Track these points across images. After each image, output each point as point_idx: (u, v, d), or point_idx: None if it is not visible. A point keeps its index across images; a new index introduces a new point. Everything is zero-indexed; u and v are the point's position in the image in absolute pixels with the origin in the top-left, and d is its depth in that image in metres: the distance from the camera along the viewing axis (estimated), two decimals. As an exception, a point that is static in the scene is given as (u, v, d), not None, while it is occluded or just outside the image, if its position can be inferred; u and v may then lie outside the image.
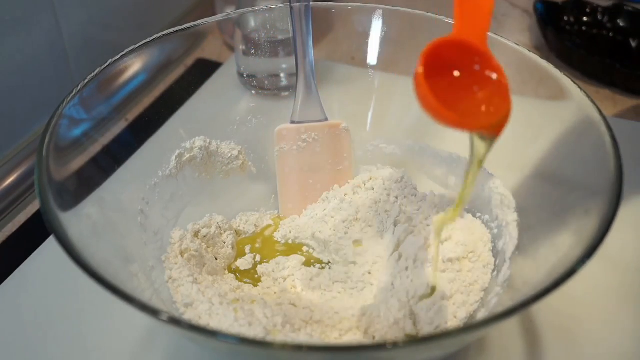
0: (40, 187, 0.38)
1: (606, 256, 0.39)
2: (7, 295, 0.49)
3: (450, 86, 0.38)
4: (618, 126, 0.43)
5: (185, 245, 0.48)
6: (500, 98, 0.38)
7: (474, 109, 0.39)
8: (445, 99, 0.37)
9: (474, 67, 0.39)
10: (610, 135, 0.41)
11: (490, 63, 0.39)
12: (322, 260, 0.51)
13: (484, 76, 0.39)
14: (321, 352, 0.33)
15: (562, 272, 0.34)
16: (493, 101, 0.39)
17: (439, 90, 0.37)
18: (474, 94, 0.39)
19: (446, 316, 0.44)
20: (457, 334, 0.34)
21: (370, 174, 0.56)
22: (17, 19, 0.59)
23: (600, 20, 0.81)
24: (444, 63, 0.38)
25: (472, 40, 0.38)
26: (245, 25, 0.64)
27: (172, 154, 0.51)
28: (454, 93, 0.38)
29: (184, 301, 0.43)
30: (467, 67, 0.39)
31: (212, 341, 0.35)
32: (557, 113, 0.48)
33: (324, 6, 0.57)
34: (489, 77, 0.39)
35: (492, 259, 0.48)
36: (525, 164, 0.50)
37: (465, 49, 0.38)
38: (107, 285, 0.33)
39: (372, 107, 0.59)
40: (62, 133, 0.42)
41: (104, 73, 0.47)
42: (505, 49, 0.51)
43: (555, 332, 0.46)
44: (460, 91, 0.39)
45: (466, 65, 0.39)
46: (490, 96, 0.39)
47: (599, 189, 0.38)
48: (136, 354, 0.45)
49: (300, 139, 0.54)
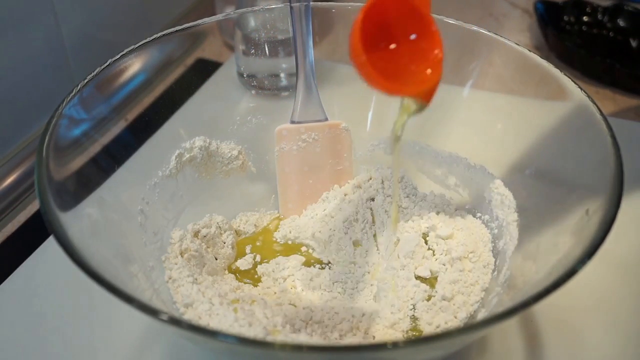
0: (40, 187, 0.38)
1: (606, 256, 0.39)
2: (7, 295, 0.49)
3: (386, 49, 0.38)
4: (618, 126, 0.43)
5: (185, 245, 0.48)
6: (433, 66, 0.38)
7: (407, 76, 0.38)
8: (379, 62, 0.37)
9: (411, 30, 0.39)
10: (610, 135, 0.41)
11: (429, 29, 0.38)
12: (322, 260, 0.51)
13: (419, 43, 0.38)
14: (321, 352, 0.33)
15: (562, 272, 0.34)
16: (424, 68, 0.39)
17: (373, 50, 0.37)
18: (407, 60, 0.39)
19: (446, 316, 0.44)
20: (457, 334, 0.34)
21: (370, 174, 0.56)
22: (17, 19, 0.59)
23: (600, 20, 0.81)
24: (383, 21, 0.38)
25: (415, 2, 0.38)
26: (245, 25, 0.64)
27: (172, 154, 0.51)
28: (389, 56, 0.38)
29: (184, 301, 0.43)
30: (404, 30, 0.38)
31: (212, 341, 0.35)
32: (557, 113, 0.48)
33: (324, 6, 0.57)
34: (424, 45, 0.38)
35: (492, 259, 0.48)
36: (526, 164, 0.50)
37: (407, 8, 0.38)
38: (107, 285, 0.33)
39: (372, 107, 0.59)
40: (62, 133, 0.42)
41: (103, 73, 0.47)
42: (505, 49, 0.51)
43: (555, 332, 0.46)
44: (395, 55, 0.38)
45: (403, 28, 0.38)
46: (423, 64, 0.39)
47: (599, 189, 0.38)
48: (136, 354, 0.44)
49: (300, 139, 0.54)
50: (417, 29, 0.39)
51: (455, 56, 0.56)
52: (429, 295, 0.46)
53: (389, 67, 0.38)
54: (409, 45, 0.39)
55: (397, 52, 0.38)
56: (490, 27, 0.57)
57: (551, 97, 0.49)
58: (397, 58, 0.38)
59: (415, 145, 0.57)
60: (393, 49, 0.39)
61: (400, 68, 0.39)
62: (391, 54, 0.38)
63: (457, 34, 0.54)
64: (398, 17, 0.38)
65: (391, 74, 0.38)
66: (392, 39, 0.39)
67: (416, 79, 0.39)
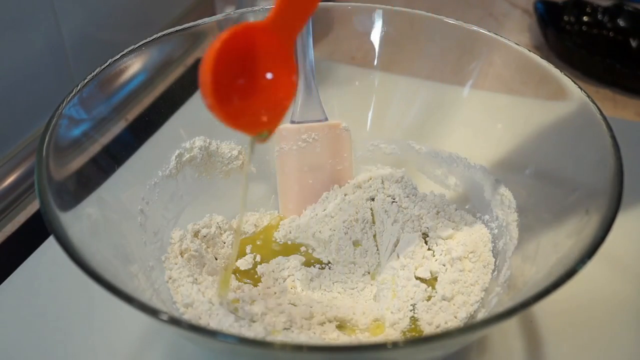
0: (40, 187, 0.38)
1: (606, 256, 0.39)
2: (7, 295, 0.49)
3: (240, 81, 0.37)
4: (618, 126, 0.43)
5: (185, 245, 0.48)
6: (278, 109, 0.38)
7: (255, 114, 0.38)
8: (231, 95, 0.36)
9: (270, 67, 0.38)
10: (610, 135, 0.41)
11: (287, 69, 0.37)
12: (322, 260, 0.51)
13: (274, 83, 0.38)
14: (321, 352, 0.33)
15: (562, 272, 0.34)
16: (271, 110, 0.38)
17: (225, 79, 0.36)
18: (259, 98, 0.38)
19: (446, 316, 0.44)
20: (457, 334, 0.34)
21: (370, 174, 0.56)
22: (17, 19, 0.59)
23: (600, 20, 0.81)
24: (241, 52, 0.36)
25: (280, 38, 0.37)
26: (245, 25, 0.64)
27: (172, 154, 0.51)
28: (242, 90, 0.37)
29: (184, 301, 0.43)
30: (263, 64, 0.37)
31: (212, 341, 0.35)
32: (557, 113, 0.48)
33: (324, 6, 0.57)
34: (278, 86, 0.38)
35: (492, 259, 0.48)
36: (525, 164, 0.50)
37: (268, 43, 0.37)
38: (107, 285, 0.33)
39: (372, 107, 0.59)
40: (62, 133, 0.42)
41: (103, 73, 0.47)
42: (505, 49, 0.51)
43: (555, 332, 0.46)
44: (248, 90, 0.37)
45: (262, 62, 0.37)
46: (271, 105, 0.38)
47: (599, 189, 0.38)
48: (136, 354, 0.44)
49: (300, 139, 0.54)
50: (276, 70, 0.38)
51: (455, 56, 0.56)
52: (429, 295, 0.46)
53: (238, 105, 0.37)
54: (264, 86, 0.38)
55: (250, 91, 0.38)
56: (490, 27, 0.57)
57: (551, 97, 0.49)
58: (250, 96, 0.38)
59: (415, 145, 0.57)
60: (246, 86, 0.37)
61: (251, 109, 0.38)
62: (245, 92, 0.37)
63: (457, 34, 0.54)
64: (258, 54, 0.37)
65: (239, 112, 0.37)
66: (247, 75, 0.38)
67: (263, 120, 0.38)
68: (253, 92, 0.38)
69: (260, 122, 0.38)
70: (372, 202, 0.54)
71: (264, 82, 0.38)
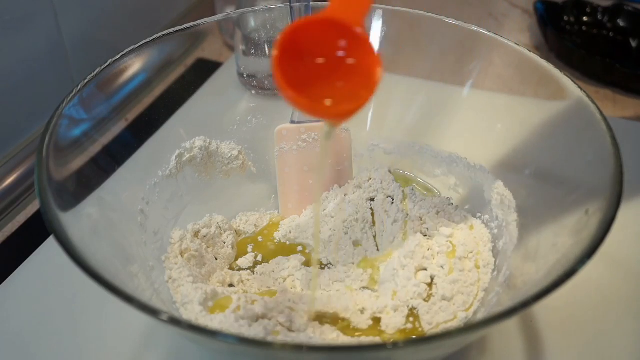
0: (40, 187, 0.38)
1: (606, 256, 0.39)
2: (7, 295, 0.49)
3: (312, 69, 0.37)
4: (618, 126, 0.43)
5: (185, 245, 0.48)
6: (364, 88, 0.37)
7: (333, 97, 0.37)
8: (304, 81, 0.36)
9: (342, 52, 0.37)
10: (610, 135, 0.41)
11: (364, 49, 0.37)
12: (322, 261, 0.51)
13: (350, 64, 0.37)
14: (321, 352, 0.33)
15: (562, 272, 0.34)
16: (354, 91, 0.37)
17: (298, 70, 0.35)
18: (334, 82, 0.37)
19: (446, 316, 0.44)
20: (457, 334, 0.34)
21: (370, 174, 0.56)
22: (17, 19, 0.59)
23: (600, 20, 0.81)
24: (311, 43, 0.36)
25: (347, 21, 0.36)
26: (245, 25, 0.64)
27: (172, 154, 0.51)
28: (315, 76, 0.37)
29: (184, 301, 0.43)
30: (335, 50, 0.37)
31: (212, 341, 0.35)
32: (557, 113, 0.48)
33: (324, 6, 0.57)
34: (355, 65, 0.37)
35: (492, 259, 0.48)
36: (525, 164, 0.50)
37: (339, 29, 0.36)
38: (107, 286, 0.33)
39: (372, 107, 0.59)
40: (62, 133, 0.42)
41: (104, 73, 0.47)
42: (505, 49, 0.51)
43: (555, 332, 0.46)
44: (322, 76, 0.37)
45: (334, 49, 0.37)
46: (353, 86, 0.37)
47: (599, 189, 0.38)
48: (136, 354, 0.44)
49: (300, 139, 0.54)
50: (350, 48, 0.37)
51: (455, 56, 0.56)
52: (429, 295, 0.46)
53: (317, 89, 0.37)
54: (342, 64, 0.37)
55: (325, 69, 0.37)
56: (490, 27, 0.57)
57: (551, 97, 0.49)
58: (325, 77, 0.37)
59: (415, 145, 0.57)
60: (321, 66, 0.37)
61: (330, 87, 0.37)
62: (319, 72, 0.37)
63: (457, 34, 0.54)
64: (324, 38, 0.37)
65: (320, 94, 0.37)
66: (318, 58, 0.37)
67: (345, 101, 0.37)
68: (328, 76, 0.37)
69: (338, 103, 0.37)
70: (372, 202, 0.54)
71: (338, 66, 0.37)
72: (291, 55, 0.35)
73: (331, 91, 0.37)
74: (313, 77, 0.37)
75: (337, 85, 0.37)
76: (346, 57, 0.37)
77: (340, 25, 0.36)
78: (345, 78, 0.37)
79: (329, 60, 0.37)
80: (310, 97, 0.36)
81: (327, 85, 0.37)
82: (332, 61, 0.37)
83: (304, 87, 0.36)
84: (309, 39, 0.36)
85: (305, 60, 0.37)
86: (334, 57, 0.37)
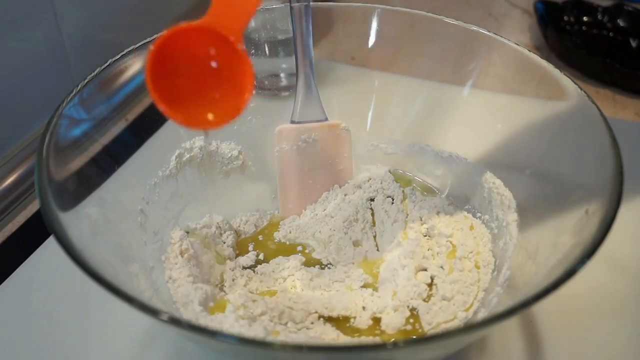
0: (40, 187, 0.38)
1: (606, 256, 0.39)
2: (7, 295, 0.49)
3: (187, 78, 0.37)
4: (618, 126, 0.43)
5: (186, 246, 0.48)
6: (233, 100, 0.37)
7: (204, 108, 0.37)
8: (179, 91, 0.36)
9: (216, 61, 0.37)
10: (610, 135, 0.41)
11: (238, 61, 0.37)
12: (322, 261, 0.51)
13: (224, 75, 0.37)
14: (321, 352, 0.33)
15: (562, 272, 0.34)
16: (225, 101, 0.37)
17: (172, 80, 0.36)
18: (207, 92, 0.38)
19: (446, 316, 0.44)
20: (457, 334, 0.34)
21: (370, 174, 0.56)
22: (17, 19, 0.59)
23: (600, 20, 0.81)
24: (186, 52, 0.36)
25: (223, 32, 0.37)
26: (245, 25, 0.64)
27: (172, 154, 0.51)
28: (189, 86, 0.37)
29: (184, 301, 0.43)
30: (209, 60, 0.37)
31: (212, 341, 0.35)
32: (557, 113, 0.48)
33: (324, 6, 0.57)
34: (228, 76, 0.37)
35: (492, 259, 0.48)
36: (525, 164, 0.50)
37: (215, 39, 0.37)
38: (107, 285, 0.33)
39: (372, 107, 0.59)
40: (62, 133, 0.42)
41: (104, 73, 0.47)
42: (505, 49, 0.51)
43: (555, 332, 0.46)
44: (195, 85, 0.37)
45: (208, 58, 0.37)
46: (224, 96, 0.37)
47: (599, 189, 0.38)
48: (136, 354, 0.44)
49: (300, 139, 0.54)
50: (223, 57, 0.37)
51: (455, 56, 0.56)
52: (429, 295, 0.46)
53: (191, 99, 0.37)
54: (213, 72, 0.37)
55: (198, 78, 0.37)
56: (490, 27, 0.57)
57: (551, 97, 0.49)
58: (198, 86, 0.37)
59: (415, 145, 0.57)
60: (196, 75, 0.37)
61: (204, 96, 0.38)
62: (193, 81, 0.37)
63: (457, 34, 0.54)
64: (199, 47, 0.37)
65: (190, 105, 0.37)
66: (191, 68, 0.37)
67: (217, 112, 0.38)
68: (201, 87, 0.37)
69: (206, 119, 0.38)
70: (372, 202, 0.54)
71: (211, 76, 0.38)
72: (165, 64, 0.36)
73: (205, 100, 0.37)
74: (188, 87, 0.37)
75: (211, 95, 0.38)
76: (220, 67, 0.37)
77: (216, 35, 0.37)
78: (218, 88, 0.38)
79: (203, 69, 0.37)
80: (186, 107, 0.36)
81: (201, 95, 0.37)
82: (207, 70, 0.37)
83: (178, 96, 0.36)
84: (184, 47, 0.36)
85: (180, 70, 0.37)
86: (208, 67, 0.37)
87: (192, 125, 0.38)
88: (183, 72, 0.37)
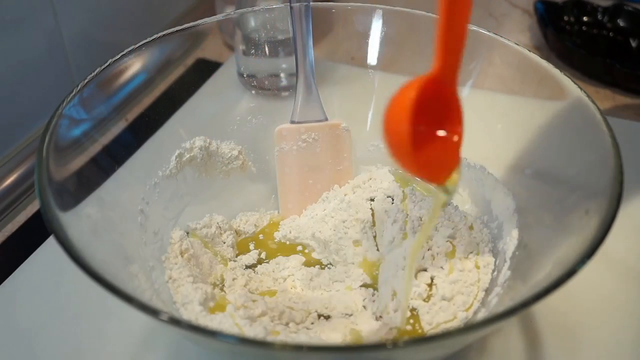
0: (40, 187, 0.38)
1: (606, 256, 0.39)
2: (7, 295, 0.49)
3: (419, 134, 0.37)
4: (618, 126, 0.43)
5: (185, 245, 0.48)
6: (451, 153, 0.38)
7: (436, 162, 0.38)
8: (416, 148, 0.36)
9: (440, 117, 0.38)
10: (610, 135, 0.41)
11: (456, 113, 0.38)
12: (322, 261, 0.51)
13: (446, 128, 0.38)
14: (321, 352, 0.33)
15: (562, 272, 0.34)
16: (446, 155, 0.38)
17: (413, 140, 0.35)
18: (435, 147, 0.38)
19: (446, 316, 0.44)
20: (457, 334, 0.34)
21: (370, 174, 0.56)
22: (17, 19, 0.60)
23: (600, 20, 0.81)
24: (419, 107, 0.36)
25: (446, 84, 0.37)
26: (245, 25, 0.64)
27: (172, 154, 0.51)
28: (422, 142, 0.37)
29: (184, 301, 0.43)
30: (435, 116, 0.38)
31: (212, 341, 0.35)
32: (557, 113, 0.48)
33: (324, 6, 0.57)
34: (450, 130, 0.38)
35: (492, 259, 0.48)
36: (526, 164, 0.50)
37: (438, 92, 0.37)
38: (107, 285, 0.33)
39: (372, 107, 0.59)
40: (62, 133, 0.42)
41: (104, 73, 0.47)
42: (505, 49, 0.51)
43: (555, 332, 0.46)
44: (426, 141, 0.37)
45: (434, 114, 0.37)
46: (444, 151, 0.38)
47: (599, 189, 0.38)
48: (136, 354, 0.44)
49: (300, 139, 0.54)
50: (446, 119, 0.38)
51: (455, 56, 0.56)
52: (429, 295, 0.46)
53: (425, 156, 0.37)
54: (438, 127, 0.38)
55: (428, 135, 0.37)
56: (490, 27, 0.57)
57: (551, 97, 0.49)
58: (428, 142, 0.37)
59: (415, 145, 0.57)
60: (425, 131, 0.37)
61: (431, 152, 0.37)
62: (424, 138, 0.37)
63: (457, 34, 0.54)
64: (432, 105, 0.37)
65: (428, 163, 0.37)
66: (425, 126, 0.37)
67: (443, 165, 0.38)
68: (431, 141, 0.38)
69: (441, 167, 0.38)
70: (372, 202, 0.54)
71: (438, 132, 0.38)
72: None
73: (430, 157, 0.37)
74: (418, 141, 0.37)
75: (433, 151, 0.38)
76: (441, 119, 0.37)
77: (441, 88, 0.36)
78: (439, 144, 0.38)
79: (428, 125, 0.37)
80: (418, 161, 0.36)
81: (426, 150, 0.37)
82: (431, 127, 0.38)
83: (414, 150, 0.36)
84: (420, 101, 0.36)
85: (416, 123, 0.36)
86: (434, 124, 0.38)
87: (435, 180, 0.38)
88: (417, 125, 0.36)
